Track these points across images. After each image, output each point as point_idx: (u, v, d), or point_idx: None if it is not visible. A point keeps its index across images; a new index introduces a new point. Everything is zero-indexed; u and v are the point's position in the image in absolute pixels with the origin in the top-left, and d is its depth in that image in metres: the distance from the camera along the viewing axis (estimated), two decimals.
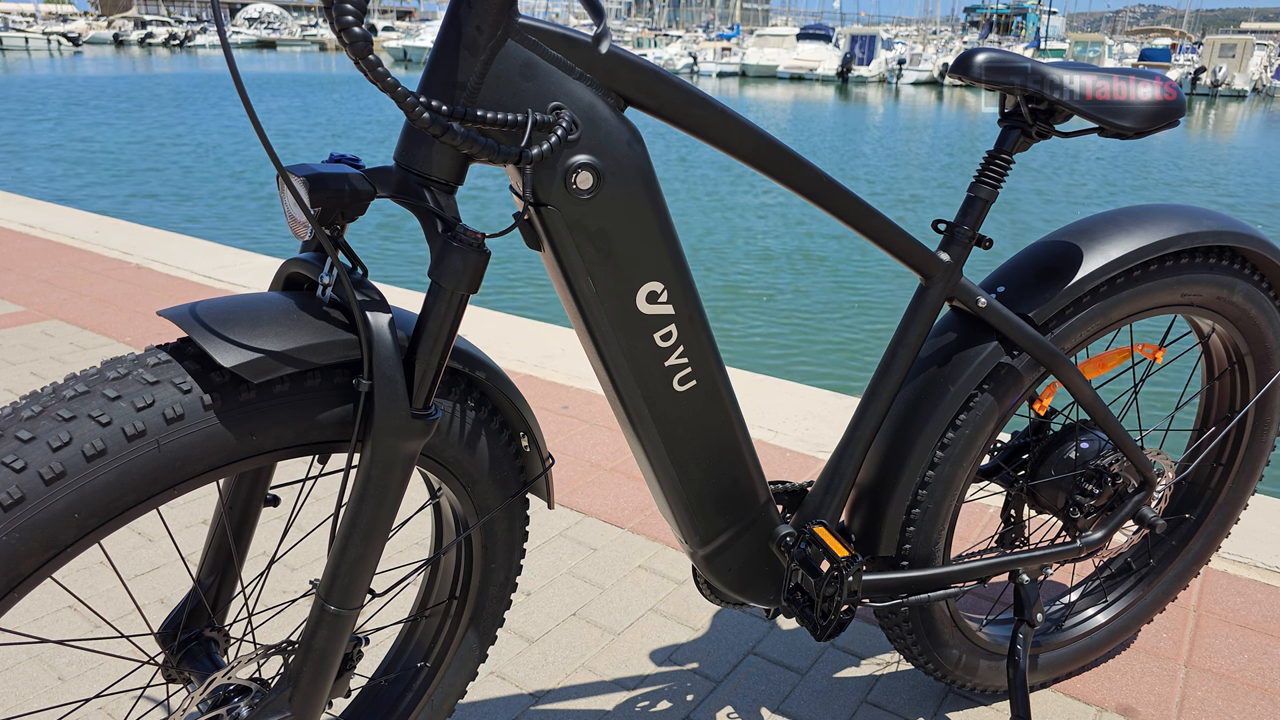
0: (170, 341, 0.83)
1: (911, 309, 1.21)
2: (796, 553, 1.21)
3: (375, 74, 0.74)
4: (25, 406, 0.76)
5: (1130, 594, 1.62)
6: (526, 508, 1.16)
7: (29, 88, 24.70)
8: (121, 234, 4.94)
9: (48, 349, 3.16)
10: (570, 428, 2.65)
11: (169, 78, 31.28)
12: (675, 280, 1.01)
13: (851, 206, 1.09)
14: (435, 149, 0.85)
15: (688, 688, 1.58)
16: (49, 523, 0.72)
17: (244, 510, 1.02)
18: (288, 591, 1.78)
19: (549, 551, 2.00)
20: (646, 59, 0.93)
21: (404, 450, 0.87)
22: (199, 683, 0.98)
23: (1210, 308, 1.34)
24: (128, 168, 11.44)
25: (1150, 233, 1.25)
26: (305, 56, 63.15)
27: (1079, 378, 1.27)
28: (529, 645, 1.69)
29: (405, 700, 1.18)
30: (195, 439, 0.78)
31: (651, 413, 1.06)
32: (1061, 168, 13.99)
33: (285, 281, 0.93)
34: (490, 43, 0.84)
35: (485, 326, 3.57)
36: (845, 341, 5.65)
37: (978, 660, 1.48)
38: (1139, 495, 1.41)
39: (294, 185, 0.80)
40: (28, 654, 1.61)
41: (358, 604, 0.91)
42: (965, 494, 1.32)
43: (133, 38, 72.41)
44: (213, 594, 1.03)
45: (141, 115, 17.49)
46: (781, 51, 49.12)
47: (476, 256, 0.84)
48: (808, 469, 2.44)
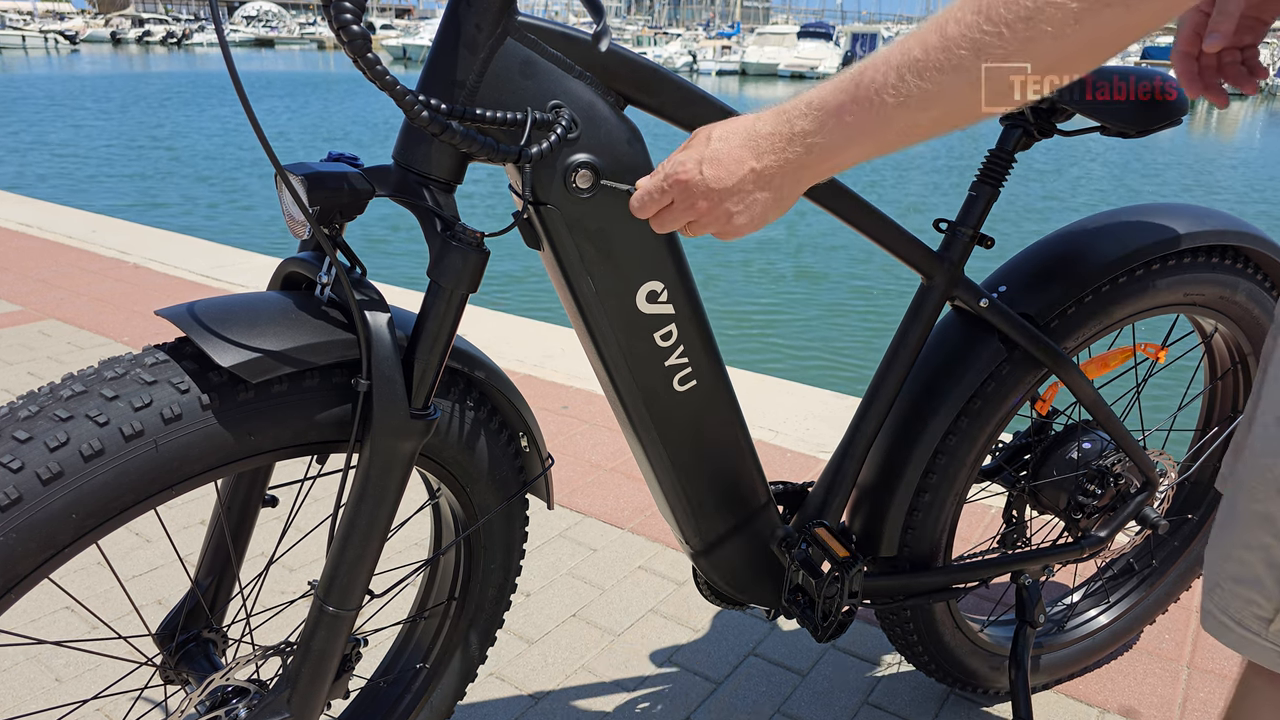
0: (168, 341, 0.83)
1: (913, 309, 1.20)
2: (797, 553, 1.20)
3: (374, 72, 0.73)
4: (22, 406, 0.76)
5: (1132, 595, 1.62)
6: (526, 508, 1.15)
7: (11, 86, 24.63)
8: (119, 233, 4.93)
9: (45, 349, 3.15)
10: (570, 428, 2.64)
11: (154, 77, 31.21)
12: (675, 280, 1.00)
13: (852, 205, 1.08)
14: (434, 148, 0.84)
15: (688, 689, 1.58)
16: (46, 523, 0.72)
17: (242, 511, 1.01)
18: (286, 592, 1.77)
19: (549, 552, 2.00)
20: (646, 57, 0.93)
21: (403, 450, 0.86)
22: (197, 684, 0.97)
23: (1213, 307, 1.34)
24: (104, 171, 11.26)
25: (1152, 232, 1.25)
26: (304, 55, 63.16)
27: (1081, 378, 1.26)
28: (529, 646, 1.68)
29: (404, 701, 1.17)
30: (193, 439, 0.78)
31: (651, 413, 1.06)
32: (1063, 167, 13.99)
33: (284, 281, 0.92)
34: (490, 41, 0.83)
35: (485, 326, 3.56)
36: (846, 341, 5.64)
37: (979, 661, 1.48)
38: (1141, 496, 1.40)
39: (292, 184, 0.80)
40: (25, 655, 1.61)
41: (356, 605, 0.91)
42: (967, 494, 1.31)
43: (130, 36, 72.39)
44: (211, 595, 1.03)
45: (123, 116, 17.39)
46: (782, 50, 49.11)
47: (476, 255, 0.84)
48: (808, 469, 2.44)
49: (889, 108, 0.70)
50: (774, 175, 0.79)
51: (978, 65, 0.65)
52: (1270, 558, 0.72)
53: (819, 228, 8.78)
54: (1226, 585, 0.76)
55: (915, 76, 0.68)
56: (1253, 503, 0.73)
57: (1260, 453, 0.72)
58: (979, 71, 0.65)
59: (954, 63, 0.66)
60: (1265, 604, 0.73)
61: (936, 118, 0.70)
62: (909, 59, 0.68)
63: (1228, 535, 0.76)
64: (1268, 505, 0.72)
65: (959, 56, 0.65)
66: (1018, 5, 0.62)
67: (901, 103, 0.69)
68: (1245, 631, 0.75)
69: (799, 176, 0.80)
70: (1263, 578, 0.73)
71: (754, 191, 0.81)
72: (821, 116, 0.75)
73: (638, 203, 0.85)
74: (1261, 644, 0.74)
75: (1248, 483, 0.74)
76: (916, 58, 0.67)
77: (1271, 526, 0.72)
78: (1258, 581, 0.73)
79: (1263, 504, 0.72)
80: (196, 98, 22.26)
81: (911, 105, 0.69)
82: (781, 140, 0.78)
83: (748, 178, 0.80)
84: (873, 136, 0.73)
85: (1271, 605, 0.73)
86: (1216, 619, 0.78)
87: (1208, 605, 0.79)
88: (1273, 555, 0.72)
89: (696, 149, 0.82)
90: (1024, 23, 0.62)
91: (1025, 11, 0.62)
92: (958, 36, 0.65)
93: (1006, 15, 0.62)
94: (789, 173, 0.79)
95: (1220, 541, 0.77)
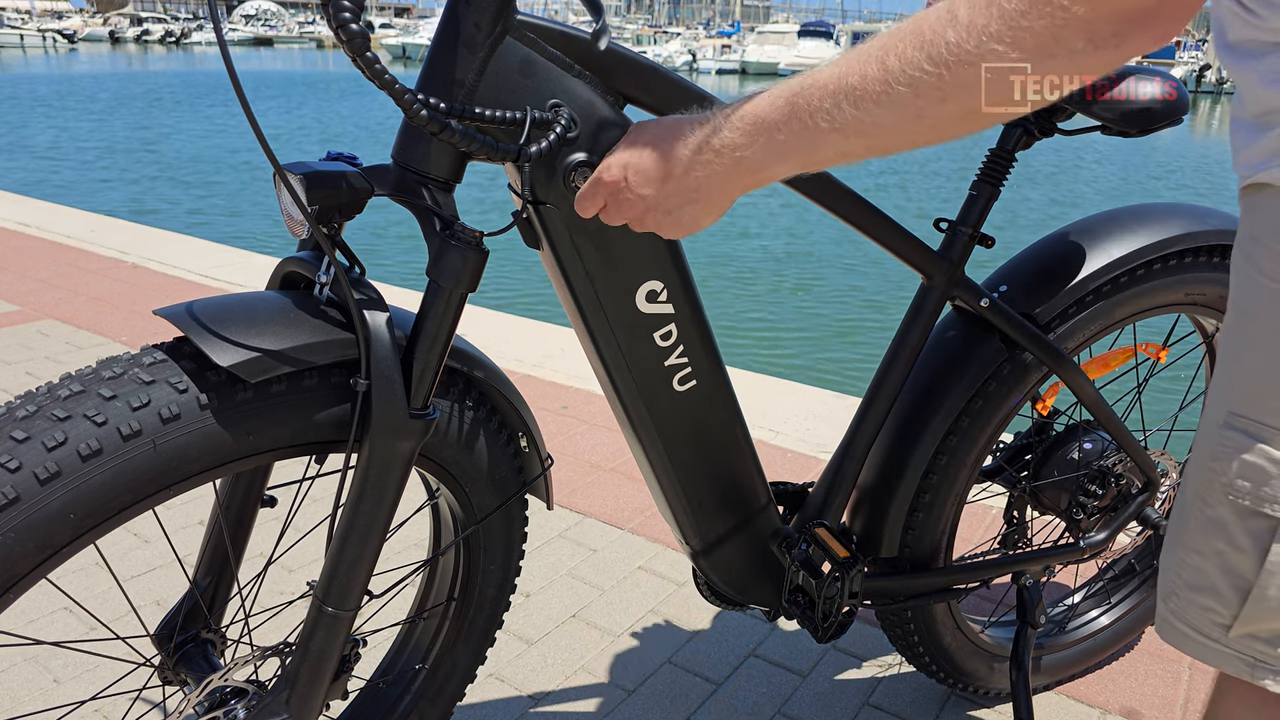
0: (166, 341, 0.83)
1: (913, 308, 1.20)
2: (797, 553, 1.20)
3: (373, 71, 0.73)
4: (20, 406, 0.75)
5: (1134, 595, 1.62)
6: (525, 508, 1.15)
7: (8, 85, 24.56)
8: (118, 233, 4.93)
9: (43, 348, 3.15)
10: (570, 428, 2.64)
11: (144, 75, 31.09)
12: (675, 279, 1.00)
13: (853, 205, 1.08)
14: (433, 147, 0.84)
15: (688, 690, 1.58)
16: (44, 523, 0.72)
17: (241, 511, 1.01)
18: (285, 593, 1.77)
19: (548, 553, 2.00)
20: (646, 56, 0.92)
21: (402, 450, 0.86)
22: (196, 685, 0.97)
23: (1214, 307, 1.33)
24: (81, 173, 11.14)
25: (1154, 231, 1.25)
26: (303, 54, 63.12)
27: (1082, 377, 1.26)
28: (528, 647, 1.68)
29: (403, 702, 1.17)
30: (191, 439, 0.77)
31: (651, 413, 1.06)
32: (1065, 166, 13.99)
33: (282, 280, 0.92)
34: (489, 40, 0.83)
35: (484, 326, 3.56)
36: (847, 341, 5.64)
37: (980, 662, 1.48)
38: (1143, 496, 1.40)
39: (291, 183, 0.79)
40: (23, 656, 1.60)
41: (355, 605, 0.90)
42: (967, 495, 1.31)
43: (128, 35, 72.40)
44: (209, 595, 1.02)
45: (122, 117, 17.35)
46: (782, 49, 49.15)
47: (475, 255, 0.83)
48: (809, 469, 2.43)
49: (822, 132, 0.70)
50: (700, 186, 0.79)
51: (915, 103, 0.65)
52: (1225, 564, 0.71)
53: (821, 226, 8.78)
54: (1183, 593, 0.75)
55: (851, 105, 0.67)
56: (1204, 508, 0.71)
57: (1206, 456, 0.71)
58: (915, 109, 0.65)
59: (892, 98, 0.65)
60: (1223, 611, 0.72)
61: (869, 145, 0.70)
62: (845, 86, 0.67)
63: (1181, 541, 0.75)
64: (1218, 510, 0.70)
65: (898, 93, 0.65)
66: (960, 50, 0.61)
67: (835, 129, 0.69)
68: (1205, 639, 0.74)
69: (726, 187, 0.79)
70: (1218, 585, 0.71)
71: (681, 204, 0.80)
72: (753, 131, 0.74)
73: (577, 203, 0.86)
74: (1223, 651, 0.73)
75: (1196, 487, 0.72)
76: (853, 85, 0.67)
77: (1223, 533, 0.70)
78: (1213, 589, 0.72)
79: (1214, 509, 0.70)
80: (190, 97, 22.21)
81: (846, 132, 0.69)
82: (709, 152, 0.77)
83: (673, 189, 0.80)
84: (803, 156, 0.73)
85: (1229, 612, 0.71)
86: (1174, 627, 0.76)
87: (1164, 613, 0.77)
88: (1227, 562, 0.70)
89: (625, 151, 0.82)
90: (967, 67, 0.62)
91: (968, 57, 0.61)
92: (898, 72, 0.64)
93: (948, 57, 0.62)
94: (715, 183, 0.78)
95: (1174, 546, 0.76)
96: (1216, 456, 0.70)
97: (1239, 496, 0.68)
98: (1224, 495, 0.69)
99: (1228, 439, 0.69)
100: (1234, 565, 0.70)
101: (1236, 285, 0.70)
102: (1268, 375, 0.66)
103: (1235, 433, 0.68)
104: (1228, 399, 0.69)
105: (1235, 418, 0.68)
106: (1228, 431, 0.69)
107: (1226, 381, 0.70)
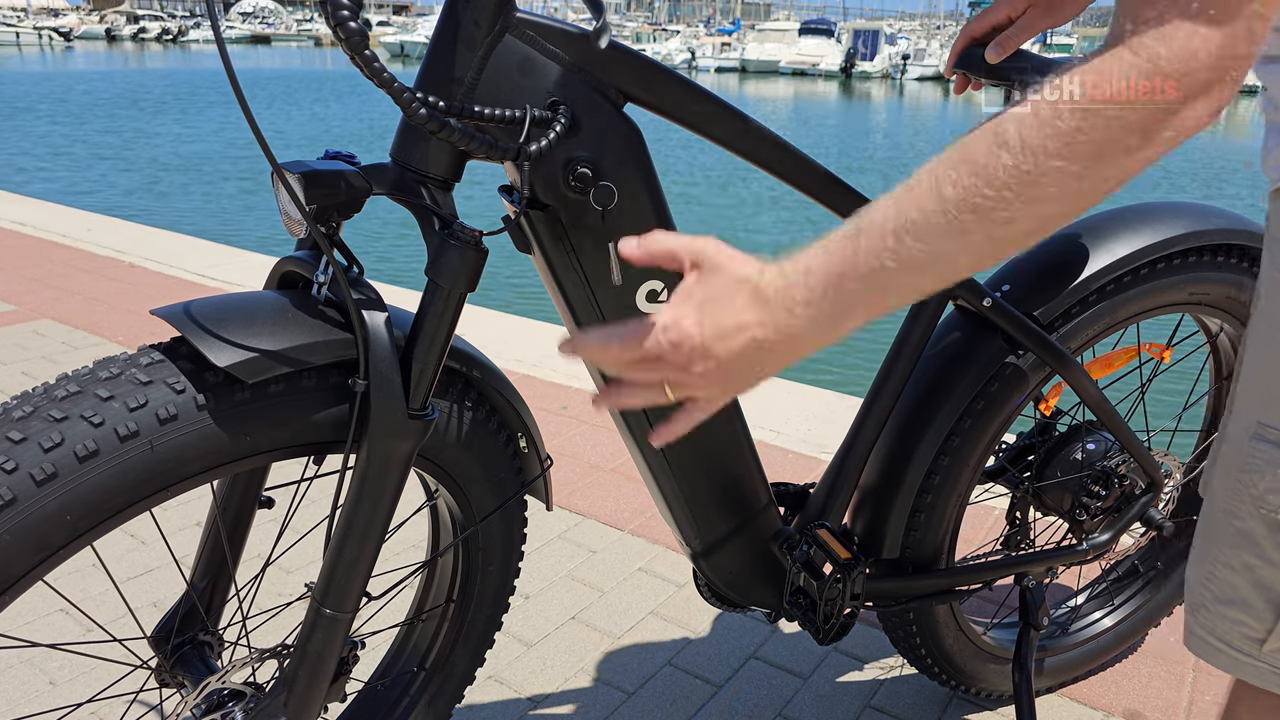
0: (163, 341, 0.82)
1: (914, 308, 1.19)
2: (799, 555, 1.19)
3: (371, 69, 0.72)
4: (16, 407, 0.75)
5: (1137, 597, 1.61)
6: (525, 509, 1.14)
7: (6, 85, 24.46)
8: (115, 232, 4.91)
9: (39, 348, 3.14)
10: (569, 428, 2.63)
11: (141, 73, 30.99)
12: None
13: (855, 204, 1.07)
14: (432, 145, 0.83)
15: (689, 692, 1.57)
16: (40, 524, 0.71)
17: (238, 512, 1.00)
18: (283, 595, 1.76)
19: (548, 554, 1.99)
20: (646, 54, 0.92)
21: (400, 451, 0.85)
22: (193, 687, 0.96)
23: (1218, 306, 1.33)
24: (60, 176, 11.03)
25: (1158, 230, 1.24)
26: (301, 52, 63.11)
27: (1085, 378, 1.25)
28: (527, 649, 1.67)
29: (402, 704, 1.16)
30: (189, 440, 0.77)
31: (650, 413, 1.05)
32: None
33: (280, 280, 0.91)
34: (488, 38, 0.82)
35: (483, 326, 3.55)
36: (849, 341, 5.63)
37: (982, 664, 1.47)
38: (1146, 497, 1.39)
39: (289, 182, 0.79)
40: (19, 658, 1.60)
41: (353, 607, 0.90)
42: (970, 496, 1.31)
43: (125, 32, 72.34)
44: (207, 597, 1.02)
45: (106, 115, 17.23)
46: (783, 47, 49.19)
47: (474, 254, 0.83)
48: (810, 470, 2.43)
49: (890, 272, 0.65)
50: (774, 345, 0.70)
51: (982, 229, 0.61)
52: (1257, 578, 0.69)
53: (821, 226, 8.77)
54: (1212, 606, 0.73)
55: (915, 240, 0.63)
56: (1232, 520, 0.70)
57: (1235, 468, 0.69)
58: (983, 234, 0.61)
59: (958, 228, 0.62)
60: (1255, 625, 0.70)
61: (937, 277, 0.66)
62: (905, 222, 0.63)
63: (1209, 554, 0.73)
64: (1248, 523, 0.69)
65: (962, 221, 0.61)
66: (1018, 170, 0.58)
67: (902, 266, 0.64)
68: (1236, 653, 0.72)
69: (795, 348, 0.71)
70: (1250, 598, 0.70)
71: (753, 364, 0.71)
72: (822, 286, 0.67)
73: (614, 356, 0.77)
74: (1255, 665, 0.72)
75: (1224, 499, 0.71)
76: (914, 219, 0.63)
77: (1254, 546, 0.69)
78: (1244, 602, 0.71)
79: (1243, 521, 0.69)
80: (187, 95, 22.15)
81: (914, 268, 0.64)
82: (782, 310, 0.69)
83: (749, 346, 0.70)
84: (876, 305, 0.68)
85: (1263, 626, 0.70)
86: (1204, 641, 0.75)
87: (1192, 626, 0.76)
88: (1259, 575, 0.69)
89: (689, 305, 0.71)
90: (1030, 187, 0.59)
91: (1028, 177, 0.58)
92: (957, 200, 0.61)
93: (1007, 179, 0.59)
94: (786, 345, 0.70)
95: (1201, 560, 0.74)
96: (1246, 468, 0.68)
97: (1271, 510, 0.67)
98: (1255, 508, 0.68)
99: (1258, 450, 0.67)
100: (1266, 579, 0.69)
101: (1265, 291, 0.68)
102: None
103: (1266, 444, 0.67)
104: (1256, 408, 0.68)
105: (1266, 429, 0.67)
106: (1257, 443, 0.67)
107: (1254, 390, 0.69)
